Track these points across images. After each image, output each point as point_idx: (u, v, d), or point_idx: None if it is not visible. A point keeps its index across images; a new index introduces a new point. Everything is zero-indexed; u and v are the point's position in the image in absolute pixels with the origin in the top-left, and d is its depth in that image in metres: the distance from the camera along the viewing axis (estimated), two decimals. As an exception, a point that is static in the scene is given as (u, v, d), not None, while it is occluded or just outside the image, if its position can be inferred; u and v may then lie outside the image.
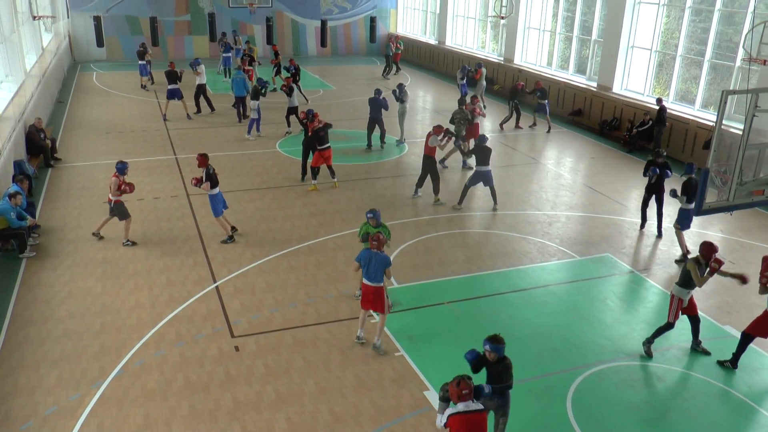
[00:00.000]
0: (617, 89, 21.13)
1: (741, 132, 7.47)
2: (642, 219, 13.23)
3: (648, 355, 8.96)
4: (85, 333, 9.18)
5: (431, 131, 14.35)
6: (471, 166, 14.82)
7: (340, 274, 11.07)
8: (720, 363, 8.83)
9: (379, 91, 18.31)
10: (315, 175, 15.10)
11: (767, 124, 7.65)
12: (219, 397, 7.93)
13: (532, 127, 21.30)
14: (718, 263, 8.58)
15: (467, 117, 16.79)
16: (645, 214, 13.15)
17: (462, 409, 5.83)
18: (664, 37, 20.10)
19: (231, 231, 12.26)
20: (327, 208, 13.98)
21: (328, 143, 14.88)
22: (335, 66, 32.97)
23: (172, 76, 20.73)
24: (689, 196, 11.37)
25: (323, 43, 30.02)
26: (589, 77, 22.96)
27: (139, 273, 10.96)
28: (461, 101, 17.42)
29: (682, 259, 11.70)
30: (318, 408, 7.79)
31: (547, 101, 20.76)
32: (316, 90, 26.52)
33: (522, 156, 18.16)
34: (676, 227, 11.91)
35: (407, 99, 18.76)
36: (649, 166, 12.71)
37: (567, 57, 24.41)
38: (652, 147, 18.25)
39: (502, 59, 27.59)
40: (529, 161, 17.78)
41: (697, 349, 9.14)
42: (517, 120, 21.20)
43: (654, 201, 12.89)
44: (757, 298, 10.52)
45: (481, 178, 13.85)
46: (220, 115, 21.73)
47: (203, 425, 7.47)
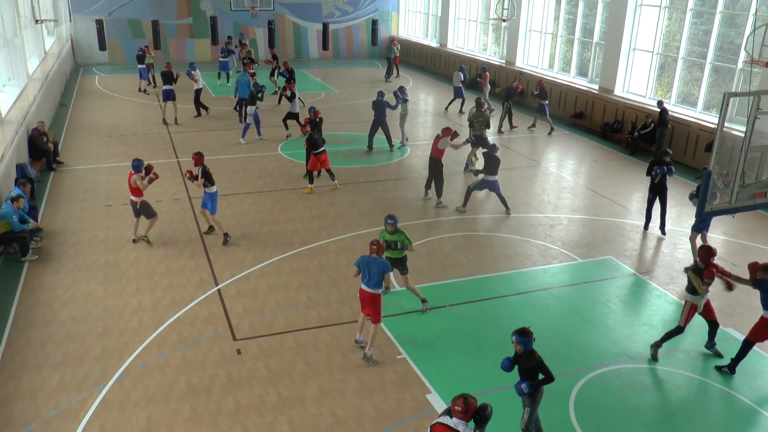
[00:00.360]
0: (619, 92, 21.12)
1: (743, 134, 7.48)
2: (646, 219, 13.20)
3: (654, 359, 8.94)
4: (87, 336, 9.19)
5: (440, 133, 14.33)
6: (474, 169, 14.73)
7: (342, 276, 11.07)
8: (718, 368, 8.78)
9: (382, 93, 18.33)
10: (312, 179, 15.10)
11: (769, 126, 7.66)
12: (221, 400, 7.93)
13: (531, 129, 21.30)
14: (714, 272, 8.66)
15: (487, 119, 16.67)
16: (650, 214, 13.11)
17: (444, 422, 5.60)
18: (665, 40, 20.09)
19: (208, 230, 12.59)
20: (329, 210, 13.98)
21: (322, 147, 14.85)
22: (337, 69, 33.01)
23: (167, 76, 20.67)
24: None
25: (325, 46, 30.06)
26: (591, 80, 22.95)
27: (141, 276, 10.98)
28: (479, 103, 17.10)
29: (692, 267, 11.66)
30: (320, 411, 7.78)
31: (547, 102, 20.74)
32: (317, 93, 26.54)
33: (523, 158, 18.15)
34: (692, 236, 11.73)
35: (408, 100, 18.76)
36: (654, 165, 12.67)
37: (568, 59, 24.41)
38: (654, 149, 18.26)
39: (503, 62, 27.62)
40: (531, 164, 17.77)
41: (710, 351, 9.12)
42: (510, 121, 21.14)
43: (658, 201, 12.85)
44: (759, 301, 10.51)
45: (487, 185, 13.83)
46: (221, 119, 21.75)
47: (205, 428, 7.47)
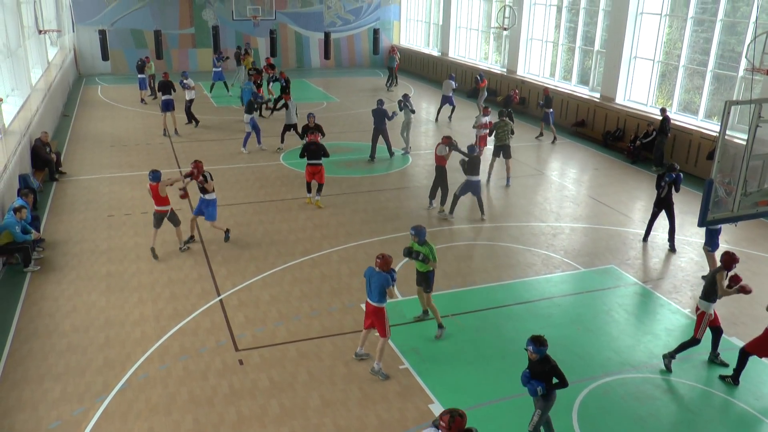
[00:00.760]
0: (620, 100, 21.14)
1: (745, 142, 7.47)
2: (647, 231, 13.11)
3: (668, 370, 8.87)
4: (89, 347, 9.18)
5: (440, 141, 14.35)
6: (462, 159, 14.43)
7: (344, 286, 11.06)
8: (722, 378, 8.73)
9: (381, 102, 18.39)
10: (309, 190, 14.92)
11: (771, 134, 7.65)
12: (223, 411, 7.91)
13: (538, 138, 21.31)
14: (735, 281, 8.64)
15: (512, 128, 16.54)
16: (651, 226, 13.01)
17: None
18: (666, 48, 20.13)
19: (190, 239, 12.84)
20: (331, 220, 13.98)
21: (317, 159, 14.42)
22: (338, 78, 33.10)
23: (166, 86, 20.53)
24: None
25: (327, 56, 30.14)
26: (592, 88, 22.99)
27: (144, 286, 10.97)
28: (502, 113, 16.95)
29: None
30: (323, 421, 7.75)
31: (551, 110, 20.76)
32: (319, 102, 26.61)
33: (525, 167, 18.15)
34: (705, 249, 11.49)
35: (414, 111, 18.86)
36: (662, 178, 12.38)
37: (570, 68, 24.46)
38: (653, 157, 18.25)
39: (504, 70, 27.68)
40: (533, 173, 17.77)
41: (715, 361, 9.07)
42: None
43: (665, 216, 12.65)
44: (764, 309, 10.48)
45: (471, 187, 13.86)
46: (223, 129, 21.79)
47: (207, 440, 7.45)
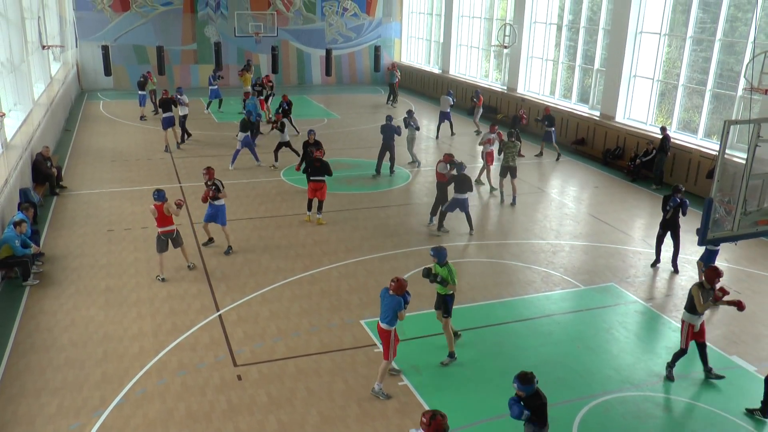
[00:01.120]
0: (620, 118, 21.23)
1: (744, 161, 7.49)
2: (656, 255, 12.78)
3: (670, 379, 8.98)
4: (87, 361, 9.14)
5: (441, 159, 14.45)
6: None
7: (343, 303, 11.03)
8: (749, 412, 8.36)
9: (390, 118, 18.51)
10: (310, 207, 14.85)
11: (770, 153, 7.67)
12: (221, 427, 7.85)
13: (538, 156, 21.36)
14: (722, 292, 8.56)
15: (519, 149, 16.54)
16: (659, 250, 12.70)
17: None
18: (665, 67, 20.26)
19: (207, 242, 13.41)
20: (331, 236, 13.98)
21: (320, 176, 14.44)
22: (340, 95, 33.26)
23: (166, 104, 20.75)
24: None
25: (328, 72, 30.32)
26: (592, 106, 23.09)
27: (142, 301, 10.95)
28: (510, 134, 16.82)
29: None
30: (321, 439, 7.70)
31: (553, 129, 20.83)
32: (320, 119, 26.71)
33: (525, 185, 18.17)
34: (699, 264, 11.45)
35: (419, 129, 19.26)
36: (668, 200, 12.21)
37: (570, 86, 24.59)
38: (653, 175, 18.29)
39: (505, 88, 27.82)
40: (533, 190, 17.80)
41: (710, 376, 9.03)
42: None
43: (670, 237, 12.46)
44: (765, 328, 10.46)
45: (458, 204, 13.96)
46: (224, 145, 21.84)
47: (204, 456, 7.39)
